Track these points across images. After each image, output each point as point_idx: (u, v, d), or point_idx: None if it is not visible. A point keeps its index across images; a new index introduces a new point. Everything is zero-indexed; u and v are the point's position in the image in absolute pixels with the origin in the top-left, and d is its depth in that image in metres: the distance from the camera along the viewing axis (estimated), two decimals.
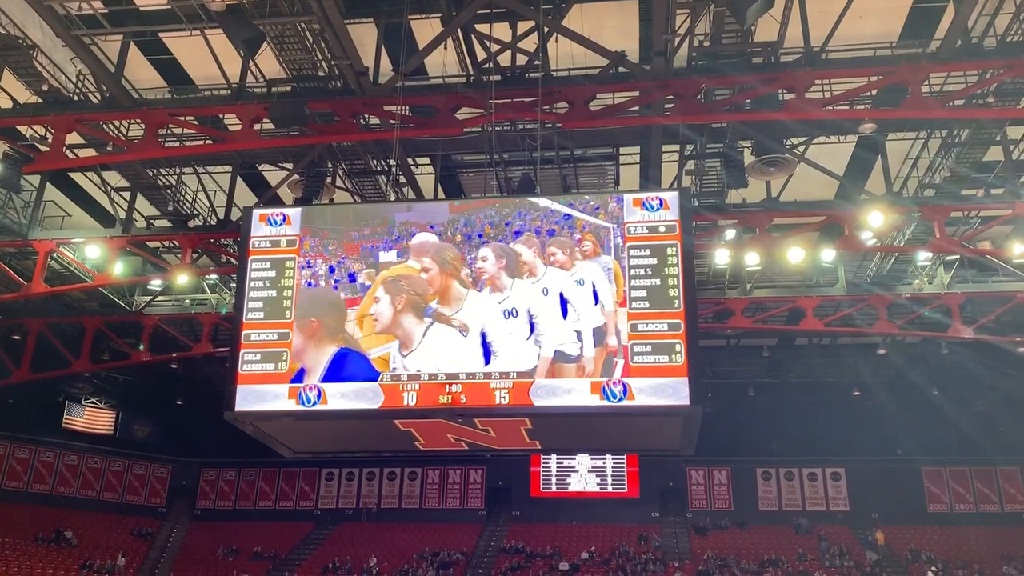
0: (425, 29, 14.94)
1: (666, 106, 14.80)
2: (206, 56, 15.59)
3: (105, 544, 32.38)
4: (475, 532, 34.45)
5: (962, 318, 21.68)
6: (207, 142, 16.92)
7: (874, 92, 14.76)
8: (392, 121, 15.04)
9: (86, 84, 16.46)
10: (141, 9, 15.15)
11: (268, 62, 15.68)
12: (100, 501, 35.07)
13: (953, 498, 33.58)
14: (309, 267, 11.96)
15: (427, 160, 18.47)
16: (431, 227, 11.87)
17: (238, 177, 19.22)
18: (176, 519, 36.40)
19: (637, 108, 15.01)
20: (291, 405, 11.37)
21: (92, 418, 35.81)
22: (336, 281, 11.82)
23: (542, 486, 34.91)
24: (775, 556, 30.75)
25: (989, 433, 30.61)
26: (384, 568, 31.09)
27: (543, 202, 11.87)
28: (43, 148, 16.58)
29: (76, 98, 16.25)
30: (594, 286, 11.12)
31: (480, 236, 11.67)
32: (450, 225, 11.86)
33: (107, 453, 35.66)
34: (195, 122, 16.37)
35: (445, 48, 14.61)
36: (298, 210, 12.61)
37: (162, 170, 18.90)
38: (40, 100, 16.02)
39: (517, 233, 11.60)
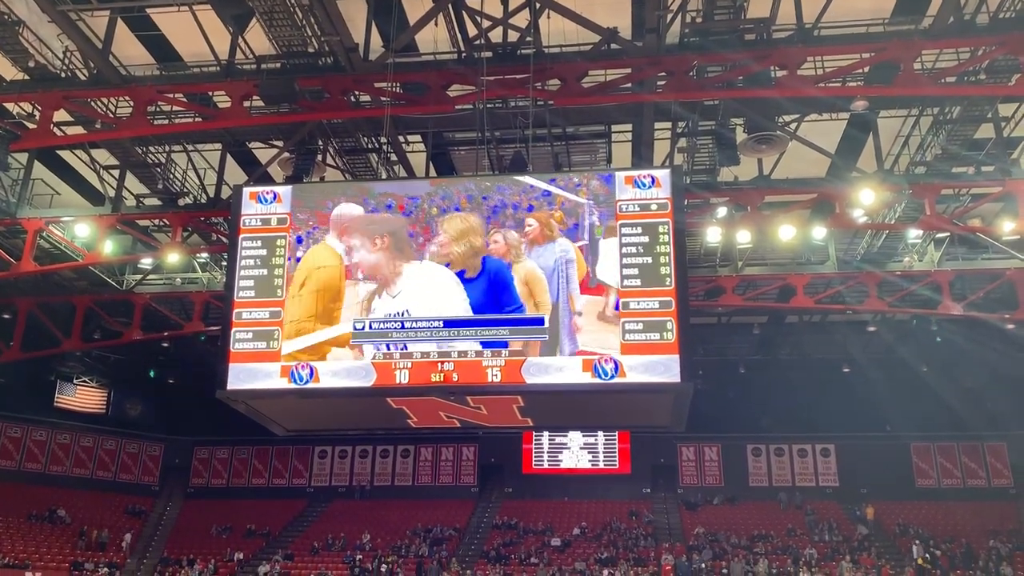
0: (416, 5, 14.80)
1: (658, 83, 14.75)
2: (194, 32, 15.42)
3: (99, 522, 32.49)
4: (468, 509, 34.69)
5: (952, 295, 21.79)
6: (196, 120, 16.78)
7: (866, 69, 14.74)
8: (383, 98, 14.95)
9: (73, 61, 16.26)
10: None
11: (257, 39, 15.52)
12: (93, 479, 35.16)
13: (941, 473, 33.94)
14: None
15: (418, 138, 18.38)
16: (409, 199, 11.92)
17: (228, 155, 19.10)
18: (169, 497, 36.53)
19: (629, 85, 14.95)
20: (283, 383, 11.39)
21: (84, 397, 35.80)
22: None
23: (534, 463, 35.12)
24: (765, 531, 31.08)
25: (977, 409, 30.86)
26: (377, 544, 31.30)
27: (525, 178, 11.92)
28: (30, 126, 16.44)
29: (63, 75, 16.07)
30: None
31: (457, 209, 11.72)
32: (427, 197, 11.89)
33: (99, 432, 35.69)
34: (184, 99, 16.24)
35: (436, 24, 14.48)
36: (288, 188, 12.57)
37: (151, 148, 18.73)
38: (27, 77, 15.83)
39: (495, 208, 11.62)
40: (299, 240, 11.92)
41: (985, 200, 18.17)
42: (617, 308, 10.89)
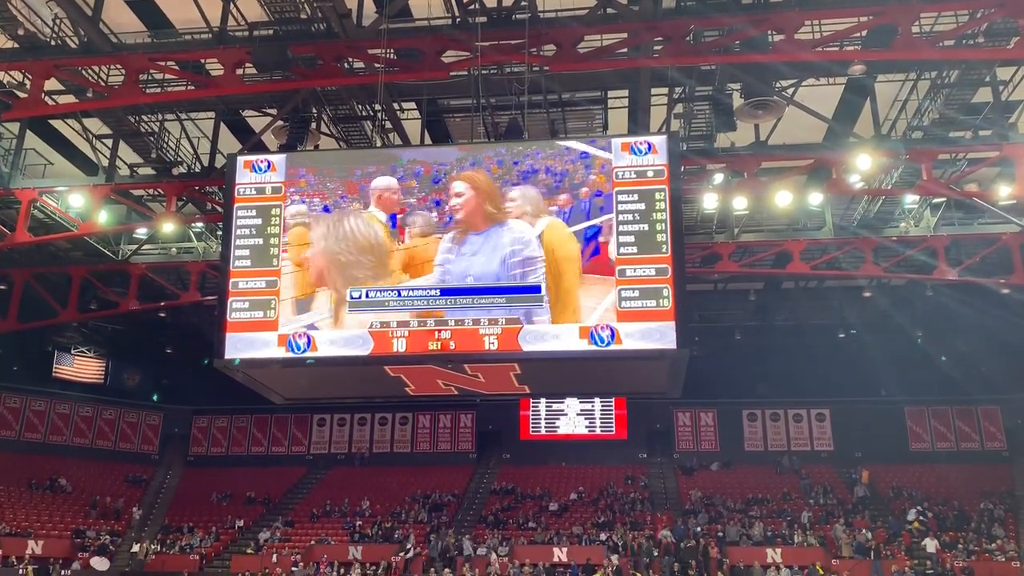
0: None
1: (655, 48, 14.63)
2: None
3: (100, 490, 32.76)
4: (466, 475, 35.00)
5: (947, 260, 21.85)
6: (189, 88, 16.65)
7: (864, 33, 14.64)
8: (376, 65, 14.81)
9: (63, 28, 16.07)
10: None
11: (249, 5, 15.35)
12: (93, 448, 35.36)
13: (935, 437, 34.24)
14: (303, 204, 11.92)
15: (413, 105, 18.25)
16: (439, 165, 11.83)
17: (222, 123, 18.95)
18: (169, 465, 36.78)
19: (626, 50, 14.83)
20: (281, 352, 11.43)
21: (82, 367, 35.87)
22: None
23: (531, 429, 35.38)
24: (760, 495, 31.42)
25: (971, 373, 31.08)
26: (377, 511, 31.61)
27: (562, 141, 11.80)
28: (21, 95, 16.27)
29: (53, 43, 15.89)
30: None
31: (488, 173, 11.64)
32: (456, 164, 11.81)
33: (98, 401, 35.82)
34: (176, 67, 16.09)
35: None
36: (283, 156, 12.51)
37: (144, 117, 18.59)
38: (16, 45, 15.66)
39: (526, 174, 11.54)
40: (326, 209, 11.81)
41: (982, 165, 18.14)
42: None
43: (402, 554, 27.06)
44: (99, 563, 27.66)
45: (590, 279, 10.99)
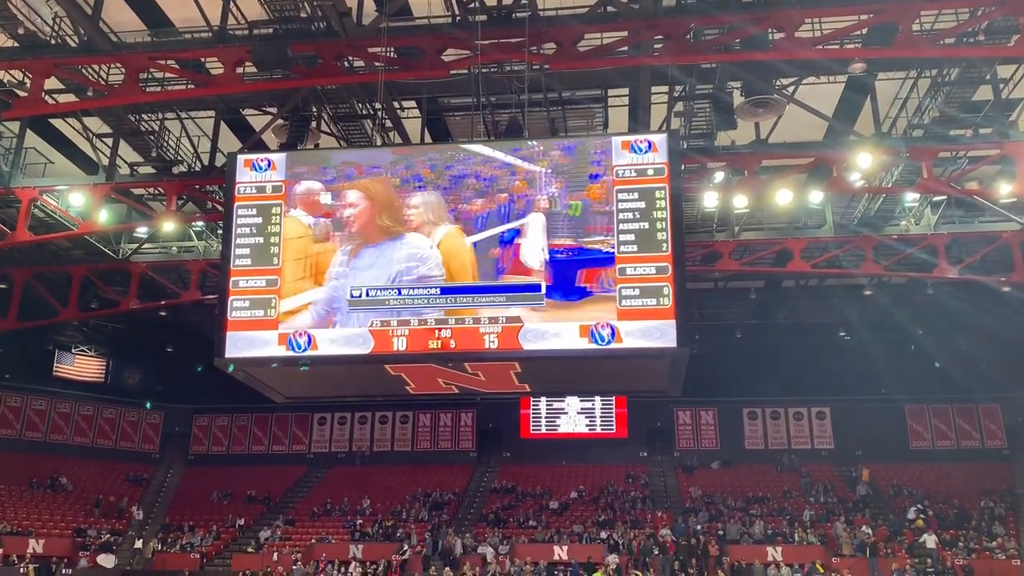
0: None
1: (655, 46, 14.62)
2: None
3: (101, 489, 32.77)
4: (466, 473, 35.00)
5: (948, 258, 21.83)
6: (189, 86, 16.64)
7: (864, 31, 14.62)
8: (377, 63, 14.80)
9: (63, 27, 16.08)
10: None
11: (249, 4, 15.36)
12: (94, 447, 35.35)
13: (935, 435, 34.22)
14: None
15: (413, 103, 18.24)
16: (371, 168, 11.96)
17: (222, 122, 18.95)
18: (170, 464, 36.78)
19: (626, 48, 14.82)
20: (281, 351, 11.44)
21: (83, 366, 35.87)
22: None
23: (532, 428, 35.36)
24: (761, 494, 31.42)
25: (971, 371, 31.03)
26: (378, 509, 31.61)
27: (480, 148, 11.98)
28: (21, 94, 16.26)
29: (53, 42, 15.89)
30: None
31: (419, 179, 11.78)
32: (390, 167, 11.94)
33: (99, 400, 35.82)
34: (176, 66, 16.08)
35: None
36: (283, 155, 12.52)
37: (144, 115, 18.59)
38: (16, 44, 15.65)
39: (456, 178, 11.68)
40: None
41: (982, 163, 18.12)
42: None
43: (397, 555, 27.00)
44: (106, 560, 27.70)
45: (510, 280, 11.23)
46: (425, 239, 11.43)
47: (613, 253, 11.06)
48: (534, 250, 11.22)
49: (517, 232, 11.31)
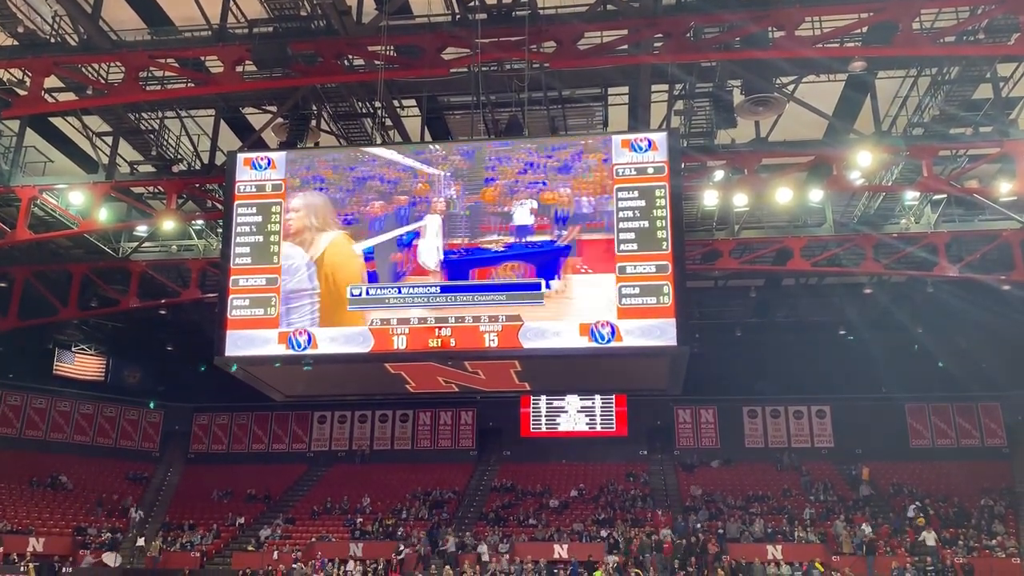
0: None
1: (655, 45, 14.61)
2: None
3: (101, 488, 32.78)
4: (466, 472, 35.01)
5: (948, 256, 21.81)
6: (189, 85, 16.62)
7: (864, 29, 14.60)
8: (376, 62, 14.80)
9: (62, 26, 16.06)
10: None
11: (249, 2, 15.36)
12: (94, 446, 35.35)
13: (935, 433, 34.21)
14: None
15: (413, 102, 18.24)
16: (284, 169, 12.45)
17: (222, 121, 18.95)
18: (170, 463, 36.78)
19: (626, 47, 14.81)
20: (281, 350, 11.44)
21: (83, 365, 35.87)
22: None
23: (532, 426, 35.35)
24: (761, 492, 31.43)
25: (971, 370, 31.04)
26: (378, 508, 31.62)
27: (383, 151, 12.20)
28: (21, 92, 16.26)
29: (53, 40, 15.88)
30: None
31: (321, 180, 11.92)
32: (290, 166, 12.47)
33: (99, 399, 35.82)
34: (176, 64, 16.07)
35: None
36: (283, 154, 12.53)
37: (144, 114, 18.58)
38: (15, 43, 15.64)
39: (359, 180, 11.85)
40: None
41: (982, 161, 18.11)
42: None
43: (396, 555, 26.98)
44: (110, 558, 27.72)
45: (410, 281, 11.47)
46: (296, 249, 11.62)
47: (503, 252, 11.31)
48: (430, 251, 11.49)
49: (416, 234, 11.51)
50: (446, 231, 11.55)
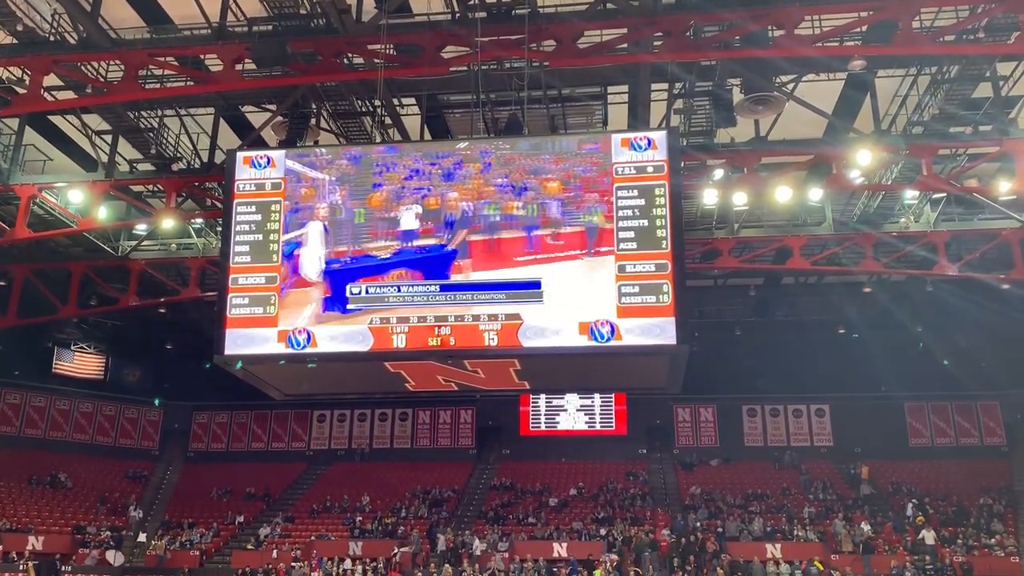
0: None
1: (655, 43, 14.60)
2: None
3: (101, 486, 32.78)
4: (466, 470, 35.01)
5: (947, 255, 21.81)
6: (188, 83, 16.61)
7: (864, 28, 14.59)
8: (376, 60, 14.79)
9: (62, 24, 16.04)
10: None
11: (248, 1, 15.35)
12: (93, 444, 35.36)
13: (934, 432, 34.23)
14: None
15: (413, 101, 18.23)
16: None
17: (221, 119, 18.94)
18: (170, 461, 36.78)
19: (626, 45, 14.80)
20: (280, 348, 11.44)
21: (82, 363, 35.86)
22: None
23: (531, 425, 35.36)
24: (760, 491, 31.44)
25: (970, 369, 31.06)
26: (377, 506, 31.63)
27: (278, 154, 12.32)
28: (20, 91, 16.24)
29: (52, 38, 15.86)
30: None
31: None
32: None
33: (98, 398, 35.81)
34: (175, 63, 16.06)
35: None
36: (282, 152, 12.52)
37: (143, 112, 18.56)
38: (15, 41, 15.63)
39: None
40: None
41: (982, 160, 18.12)
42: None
43: (395, 555, 26.92)
44: (113, 556, 27.73)
45: (293, 295, 11.40)
46: None
47: (390, 260, 11.29)
48: (312, 260, 11.45)
49: (298, 243, 11.45)
50: (330, 240, 11.49)
